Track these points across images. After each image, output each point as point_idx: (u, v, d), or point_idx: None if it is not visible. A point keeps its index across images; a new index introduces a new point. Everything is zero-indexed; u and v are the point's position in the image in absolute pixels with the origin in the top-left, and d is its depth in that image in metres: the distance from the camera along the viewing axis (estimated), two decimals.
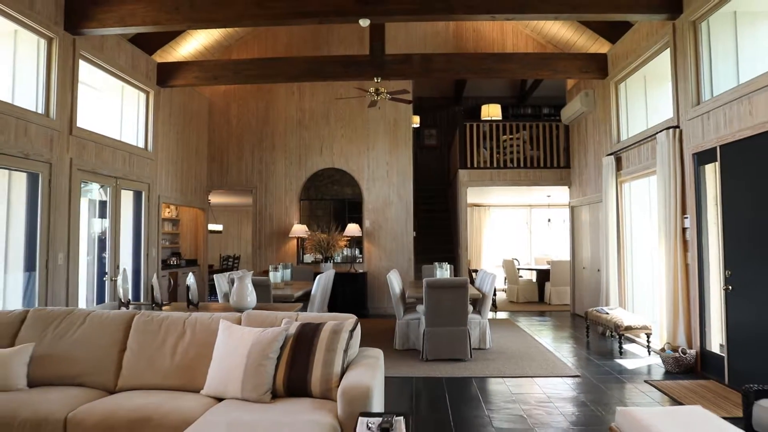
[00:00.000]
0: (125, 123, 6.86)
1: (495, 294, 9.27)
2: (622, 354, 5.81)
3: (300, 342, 2.83)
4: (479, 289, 6.44)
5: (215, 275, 5.86)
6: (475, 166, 9.29)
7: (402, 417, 2.26)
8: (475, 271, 9.02)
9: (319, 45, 9.15)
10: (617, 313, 6.01)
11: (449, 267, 7.04)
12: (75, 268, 5.49)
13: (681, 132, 5.32)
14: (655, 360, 5.52)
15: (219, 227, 13.72)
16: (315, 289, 5.92)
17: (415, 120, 11.21)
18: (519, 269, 10.84)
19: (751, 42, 4.79)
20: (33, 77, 5.16)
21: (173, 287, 8.12)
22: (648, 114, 6.54)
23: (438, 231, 11.11)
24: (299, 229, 8.86)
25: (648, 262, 6.70)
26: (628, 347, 6.13)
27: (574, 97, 8.47)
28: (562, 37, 8.18)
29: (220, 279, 5.80)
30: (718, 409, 3.81)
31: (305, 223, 9.11)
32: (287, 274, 6.73)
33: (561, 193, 9.95)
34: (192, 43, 7.99)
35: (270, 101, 9.34)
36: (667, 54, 5.67)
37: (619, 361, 5.53)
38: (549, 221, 12.76)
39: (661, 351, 5.18)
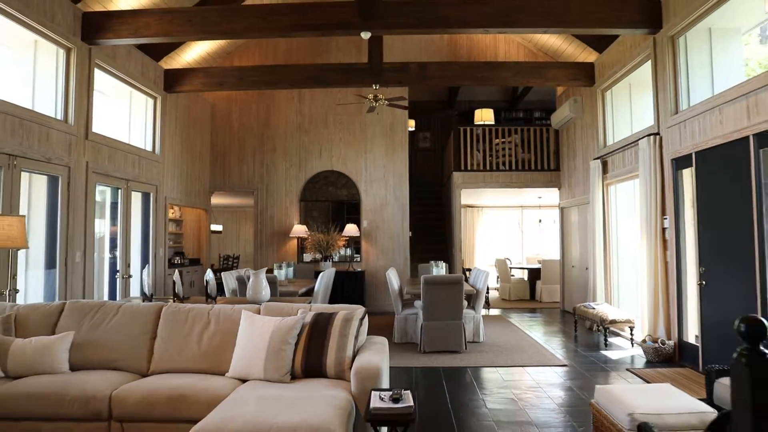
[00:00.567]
0: (133, 127, 7.16)
1: (488, 291, 9.64)
2: (607, 346, 6.20)
3: (315, 329, 3.17)
4: (473, 286, 6.80)
5: (222, 273, 6.20)
6: (469, 168, 9.66)
7: (408, 391, 2.61)
8: (469, 270, 9.38)
9: (319, 52, 9.47)
10: (603, 308, 6.39)
11: (444, 266, 7.42)
12: (91, 265, 5.80)
13: (661, 138, 5.72)
14: (638, 351, 5.91)
15: (219, 227, 14.00)
16: (318, 286, 6.26)
17: (411, 124, 11.55)
18: (511, 268, 11.21)
19: (724, 56, 5.19)
20: (52, 85, 5.47)
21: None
22: (633, 120, 6.92)
23: (433, 231, 11.46)
24: (299, 230, 9.18)
25: (632, 260, 7.09)
26: (613, 340, 6.52)
27: (563, 103, 8.86)
28: (552, 46, 8.57)
29: (227, 276, 6.15)
30: (689, 391, 4.18)
31: (305, 224, 9.44)
32: (290, 272, 7.08)
33: (551, 195, 10.34)
34: (196, 50, 8.29)
35: (271, 106, 9.65)
36: (650, 65, 6.06)
37: (605, 353, 5.91)
38: (540, 222, 13.16)
39: (642, 342, 5.57)
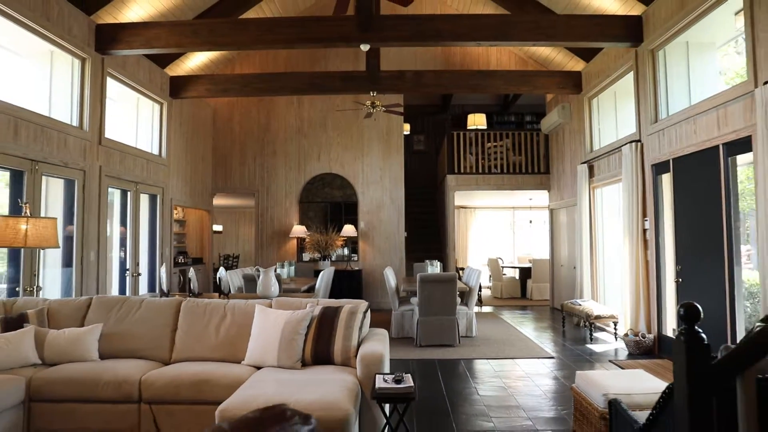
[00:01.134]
0: (140, 131, 7.46)
1: (481, 290, 9.99)
2: (592, 340, 6.57)
3: (323, 321, 3.50)
4: (466, 284, 7.15)
5: (228, 271, 6.51)
6: (462, 171, 10.02)
7: (409, 374, 2.95)
8: (462, 269, 9.74)
9: (318, 59, 9.78)
10: (589, 305, 6.76)
11: (439, 264, 7.77)
12: (104, 264, 6.09)
13: (642, 145, 6.09)
14: (621, 345, 6.28)
15: (219, 228, 14.28)
16: (319, 284, 6.59)
17: (406, 127, 11.89)
18: (503, 267, 11.58)
19: (701, 69, 5.57)
20: (68, 93, 5.76)
21: (183, 283, 8.70)
22: (618, 127, 7.29)
23: (427, 231, 11.82)
24: (299, 230, 9.50)
25: (616, 259, 7.47)
26: (598, 334, 6.89)
27: (552, 109, 9.23)
28: (541, 54, 8.94)
29: (232, 275, 6.48)
30: (662, 377, 4.55)
31: (304, 224, 9.76)
32: (291, 270, 7.41)
33: (542, 197, 10.71)
34: (199, 57, 8.58)
35: (271, 110, 9.97)
36: (632, 76, 6.44)
37: (590, 346, 6.28)
38: (530, 222, 13.55)
39: (625, 336, 5.95)
